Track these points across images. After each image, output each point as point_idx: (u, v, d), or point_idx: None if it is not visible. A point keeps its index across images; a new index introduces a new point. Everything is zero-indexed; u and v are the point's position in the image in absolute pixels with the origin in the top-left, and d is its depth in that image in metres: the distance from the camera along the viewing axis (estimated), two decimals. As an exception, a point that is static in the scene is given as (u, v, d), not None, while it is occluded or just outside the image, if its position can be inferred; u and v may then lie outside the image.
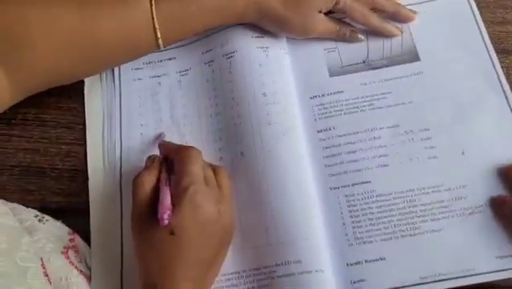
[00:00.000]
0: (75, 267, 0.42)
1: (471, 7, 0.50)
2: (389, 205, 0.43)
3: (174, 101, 0.50)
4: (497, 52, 0.49)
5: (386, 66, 0.49)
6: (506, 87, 0.47)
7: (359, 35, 0.49)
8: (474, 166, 0.44)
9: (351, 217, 0.43)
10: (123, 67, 0.51)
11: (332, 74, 0.50)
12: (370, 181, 0.44)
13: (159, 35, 0.43)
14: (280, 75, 0.48)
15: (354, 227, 0.43)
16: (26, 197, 0.47)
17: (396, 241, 0.41)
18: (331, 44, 0.51)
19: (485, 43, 0.49)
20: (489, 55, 0.48)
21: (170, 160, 0.43)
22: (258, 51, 0.49)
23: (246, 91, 0.47)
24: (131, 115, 0.50)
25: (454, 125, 0.46)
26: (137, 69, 0.52)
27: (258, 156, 0.45)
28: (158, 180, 0.41)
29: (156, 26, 0.43)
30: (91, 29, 0.41)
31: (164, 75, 0.51)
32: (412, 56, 0.49)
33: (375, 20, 0.49)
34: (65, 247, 0.42)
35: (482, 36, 0.49)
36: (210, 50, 0.51)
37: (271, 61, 0.49)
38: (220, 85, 0.49)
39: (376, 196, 0.44)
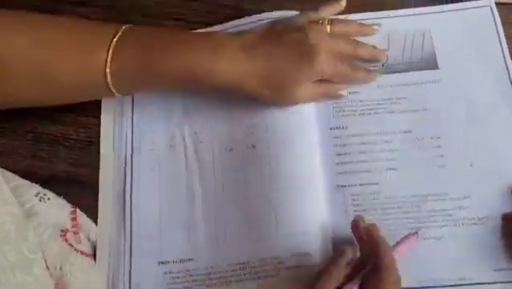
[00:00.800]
0: (75, 249, 0.41)
1: (495, 22, 0.51)
2: (393, 208, 0.44)
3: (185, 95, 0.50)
4: None
5: (404, 71, 0.49)
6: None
7: (345, 93, 0.48)
8: (481, 178, 0.44)
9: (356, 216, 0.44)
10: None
11: (351, 74, 0.50)
12: (377, 183, 0.45)
13: (112, 90, 0.43)
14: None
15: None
16: (37, 163, 0.47)
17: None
18: (351, 44, 0.51)
19: (505, 59, 0.49)
20: (508, 72, 0.48)
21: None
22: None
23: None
24: (140, 118, 0.49)
25: (466, 136, 0.46)
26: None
27: (270, 149, 0.46)
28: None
29: (109, 81, 0.42)
30: (48, 69, 0.41)
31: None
32: (432, 63, 0.49)
33: (360, 77, 0.48)
34: (63, 230, 0.41)
35: (503, 52, 0.49)
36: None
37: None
38: None
39: (382, 198, 0.44)
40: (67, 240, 0.41)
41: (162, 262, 0.43)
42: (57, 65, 0.41)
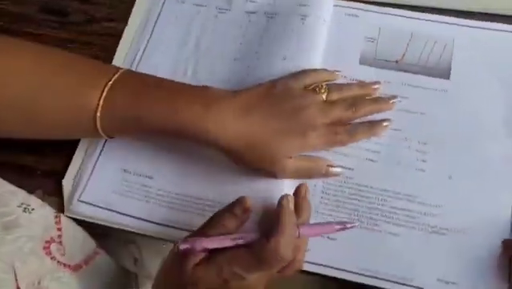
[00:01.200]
0: (58, 262, 0.40)
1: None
2: (360, 196, 0.44)
3: (204, 33, 0.52)
4: None
5: (416, 73, 0.49)
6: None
7: (337, 170, 0.44)
8: (456, 193, 0.44)
9: (322, 192, 0.44)
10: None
11: (362, 62, 0.50)
12: (352, 169, 0.45)
13: (101, 133, 0.43)
14: (309, 43, 0.49)
15: (321, 203, 0.44)
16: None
17: (352, 228, 0.42)
18: (372, 34, 0.51)
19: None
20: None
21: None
22: (295, 18, 0.50)
23: (269, 50, 0.49)
24: (162, 30, 0.52)
25: (454, 150, 0.45)
26: (184, -8, 0.54)
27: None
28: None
29: (99, 126, 0.42)
30: (34, 104, 0.41)
31: (206, 6, 0.53)
32: (444, 73, 0.49)
33: (361, 138, 0.45)
34: (47, 241, 0.40)
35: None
36: (255, 1, 0.52)
37: (305, 29, 0.49)
38: (249, 35, 0.51)
39: (352, 184, 0.45)
40: (50, 252, 0.40)
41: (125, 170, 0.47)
42: (46, 100, 0.41)
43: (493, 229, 0.42)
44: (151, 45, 0.52)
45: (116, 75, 0.42)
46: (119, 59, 0.52)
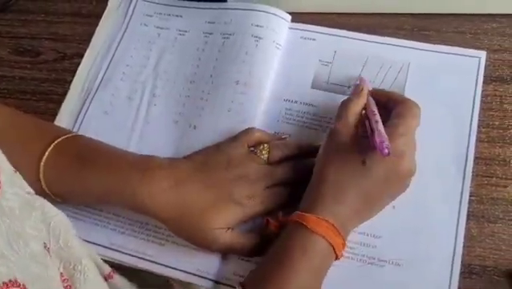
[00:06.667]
0: None
1: (477, 76, 0.48)
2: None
3: (163, 55, 0.53)
4: (492, 80, 0.48)
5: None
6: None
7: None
8: (398, 224, 0.43)
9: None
10: (137, 8, 0.56)
11: (314, 86, 0.50)
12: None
13: (46, 191, 0.43)
14: (261, 67, 0.50)
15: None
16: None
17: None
18: (327, 57, 0.51)
19: (471, 118, 0.46)
20: (469, 133, 0.46)
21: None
22: (250, 40, 0.50)
23: (224, 74, 0.50)
24: (124, 53, 0.54)
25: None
26: (148, 15, 0.55)
27: (209, 135, 0.48)
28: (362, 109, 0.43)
29: (43, 185, 0.42)
30: None
31: (167, 29, 0.54)
32: (397, 98, 0.48)
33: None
34: None
35: (473, 110, 0.47)
36: (213, 22, 0.53)
37: (258, 52, 0.50)
38: (206, 58, 0.52)
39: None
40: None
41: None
42: None
43: (431, 264, 0.42)
44: (112, 68, 0.53)
45: (61, 138, 0.43)
46: (80, 81, 0.53)
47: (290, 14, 0.53)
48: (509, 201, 0.44)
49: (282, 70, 0.51)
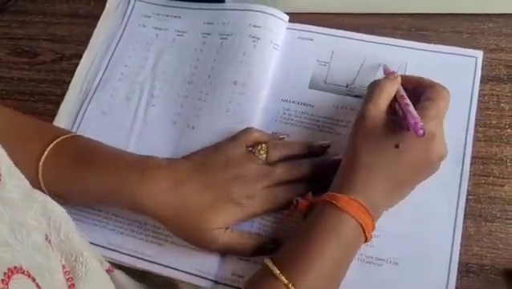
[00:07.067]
0: None
1: (475, 76, 0.48)
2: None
3: (161, 56, 0.53)
4: (489, 80, 0.48)
5: (365, 97, 0.49)
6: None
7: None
8: (395, 222, 0.43)
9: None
10: (135, 9, 0.56)
11: (312, 86, 0.50)
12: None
13: (45, 191, 0.43)
14: (259, 68, 0.50)
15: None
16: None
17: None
18: (325, 57, 0.51)
19: (468, 118, 0.47)
20: (466, 132, 0.46)
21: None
22: (247, 40, 0.51)
23: (221, 75, 0.50)
24: (122, 53, 0.54)
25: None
26: (146, 16, 0.55)
27: (207, 136, 0.48)
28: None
29: (42, 185, 0.42)
30: None
31: (165, 29, 0.54)
32: (394, 97, 0.48)
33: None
34: None
35: (470, 109, 0.47)
36: (212, 23, 0.53)
37: (256, 52, 0.50)
38: (204, 59, 0.52)
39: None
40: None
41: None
42: None
43: (429, 263, 0.42)
44: (110, 69, 0.54)
45: (60, 138, 0.43)
46: (79, 82, 0.53)
47: (287, 14, 0.53)
48: (506, 200, 0.44)
49: (279, 70, 0.51)
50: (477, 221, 0.44)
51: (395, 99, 0.43)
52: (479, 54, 0.49)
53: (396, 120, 0.41)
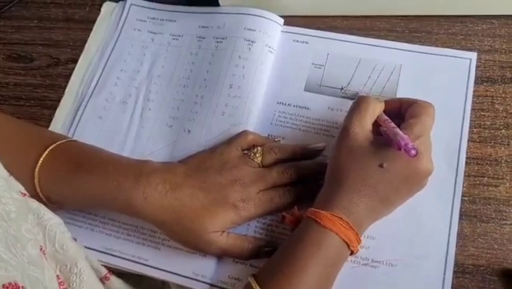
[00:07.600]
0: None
1: (468, 77, 0.49)
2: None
3: (156, 60, 0.53)
4: (483, 81, 0.49)
5: (360, 100, 0.49)
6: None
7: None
8: (390, 224, 0.43)
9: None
10: (130, 14, 0.56)
11: (307, 89, 0.50)
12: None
13: (41, 196, 0.43)
14: (254, 71, 0.50)
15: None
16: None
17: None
18: (320, 60, 0.51)
19: (463, 118, 0.47)
20: (461, 133, 0.46)
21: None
22: (242, 44, 0.51)
23: (217, 78, 0.50)
24: (118, 58, 0.54)
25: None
26: (141, 20, 0.56)
27: (203, 139, 0.48)
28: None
29: (38, 190, 0.42)
30: None
31: (160, 33, 0.55)
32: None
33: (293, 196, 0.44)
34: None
35: (464, 110, 0.47)
36: (207, 27, 0.53)
37: (251, 56, 0.50)
38: (199, 62, 0.52)
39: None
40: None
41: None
42: None
43: (425, 264, 0.42)
44: (106, 73, 0.54)
45: (55, 144, 0.43)
46: (74, 86, 0.54)
47: (282, 17, 0.53)
48: (500, 200, 0.45)
49: (275, 73, 0.51)
50: (472, 221, 0.44)
51: (379, 124, 0.43)
52: (473, 55, 0.50)
53: (379, 140, 0.41)
